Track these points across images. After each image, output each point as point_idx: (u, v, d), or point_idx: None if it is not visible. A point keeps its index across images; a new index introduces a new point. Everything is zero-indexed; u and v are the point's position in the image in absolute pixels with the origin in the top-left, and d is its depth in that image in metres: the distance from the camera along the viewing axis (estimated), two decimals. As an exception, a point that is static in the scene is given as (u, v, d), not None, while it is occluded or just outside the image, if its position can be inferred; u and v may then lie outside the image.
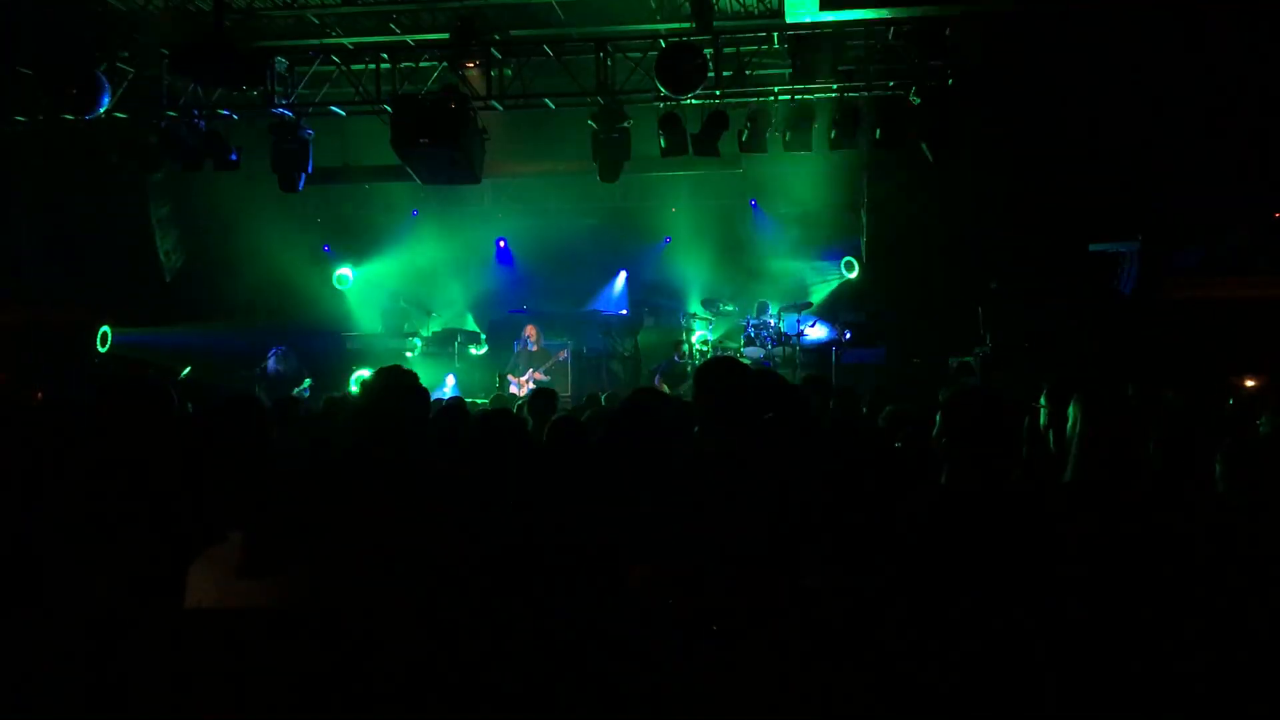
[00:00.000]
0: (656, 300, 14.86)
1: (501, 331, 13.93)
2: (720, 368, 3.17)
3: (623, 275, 15.34)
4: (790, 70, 10.57)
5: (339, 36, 11.30)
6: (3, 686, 2.67)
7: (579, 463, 3.75)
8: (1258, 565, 2.74)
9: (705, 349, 13.30)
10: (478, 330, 14.54)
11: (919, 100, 10.51)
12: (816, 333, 13.41)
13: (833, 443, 3.28)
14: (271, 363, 12.46)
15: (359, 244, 15.22)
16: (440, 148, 10.71)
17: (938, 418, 2.90)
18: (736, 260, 14.57)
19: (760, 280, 14.47)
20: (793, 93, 10.80)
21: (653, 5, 10.70)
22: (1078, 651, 2.57)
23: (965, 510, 2.80)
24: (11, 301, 12.20)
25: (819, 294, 14.22)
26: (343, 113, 11.81)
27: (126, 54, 11.21)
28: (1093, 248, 11.47)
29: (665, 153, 11.21)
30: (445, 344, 13.75)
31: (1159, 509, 2.98)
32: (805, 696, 2.55)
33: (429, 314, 14.69)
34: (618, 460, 3.68)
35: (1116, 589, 2.70)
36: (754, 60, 11.00)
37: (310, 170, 11.76)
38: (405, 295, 14.63)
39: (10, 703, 2.67)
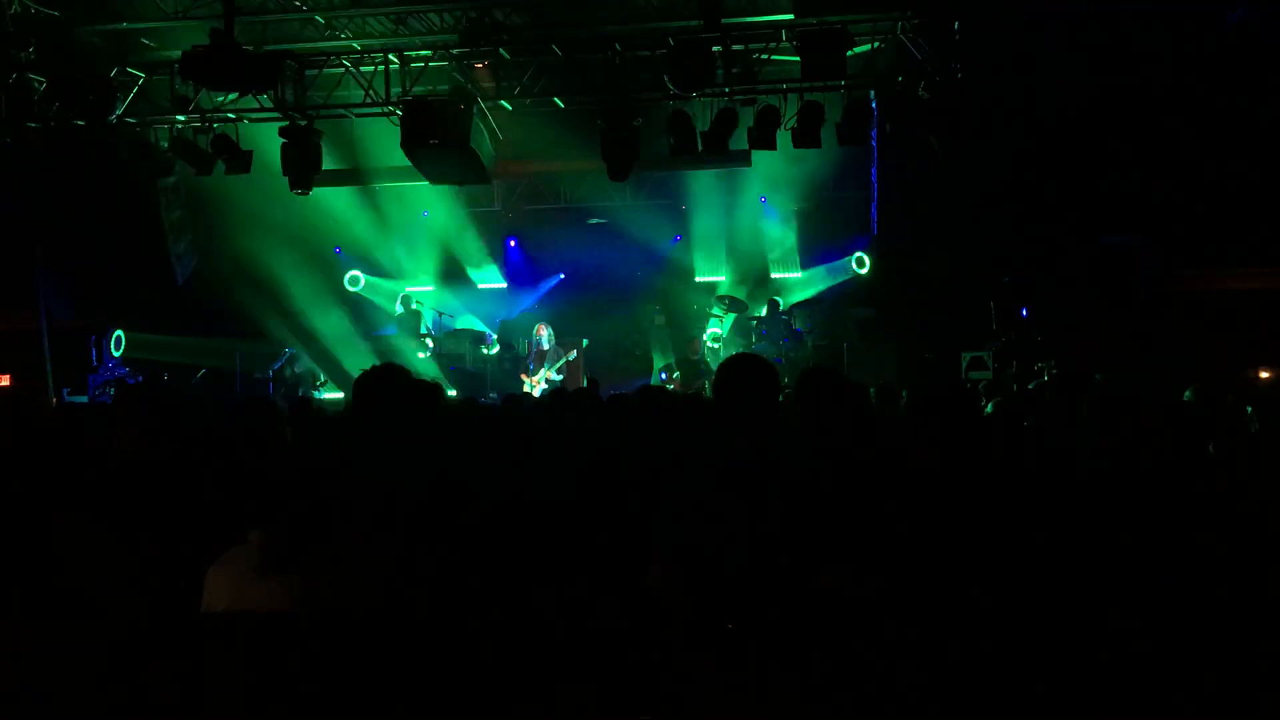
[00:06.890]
0: (667, 299, 14.84)
1: (512, 331, 13.95)
2: (742, 365, 3.14)
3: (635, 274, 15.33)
4: (799, 67, 10.56)
5: (348, 39, 11.32)
6: (23, 690, 2.69)
7: (597, 460, 3.75)
8: (1264, 560, 2.72)
9: (717, 346, 13.27)
10: (488, 330, 14.56)
11: (927, 95, 10.47)
12: None
13: (851, 441, 3.27)
14: (285, 365, 12.50)
15: (370, 246, 15.25)
16: (449, 148, 10.73)
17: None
18: (747, 257, 14.54)
19: (771, 277, 14.45)
20: (801, 89, 10.78)
21: (660, 4, 10.70)
22: (1085, 647, 2.57)
23: (962, 506, 2.79)
24: (27, 307, 12.26)
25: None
26: (352, 115, 11.84)
27: (137, 59, 11.28)
28: (1105, 240, 11.40)
29: (674, 151, 11.20)
30: (456, 344, 13.78)
31: (1174, 505, 2.96)
32: (819, 696, 2.55)
33: (439, 314, 14.72)
34: (633, 456, 3.68)
35: (1128, 586, 2.69)
36: (762, 57, 10.99)
37: (320, 172, 11.82)
38: (416, 296, 14.67)
39: (30, 706, 2.69)
